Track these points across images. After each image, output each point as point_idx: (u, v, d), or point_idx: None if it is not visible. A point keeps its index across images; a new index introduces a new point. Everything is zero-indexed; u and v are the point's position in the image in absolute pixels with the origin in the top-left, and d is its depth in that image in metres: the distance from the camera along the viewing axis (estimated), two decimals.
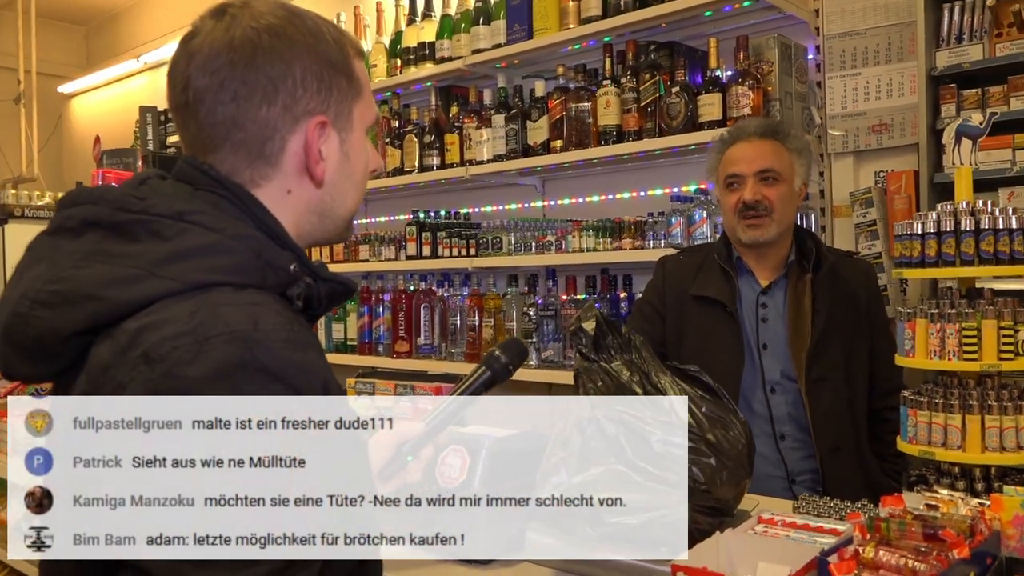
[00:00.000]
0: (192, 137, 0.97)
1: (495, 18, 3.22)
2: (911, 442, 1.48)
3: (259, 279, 0.89)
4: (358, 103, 1.03)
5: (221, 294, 0.85)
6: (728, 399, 1.43)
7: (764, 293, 2.15)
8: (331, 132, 1.00)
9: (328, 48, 0.98)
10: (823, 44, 2.76)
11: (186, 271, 0.85)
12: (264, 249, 0.91)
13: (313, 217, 1.02)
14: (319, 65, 0.97)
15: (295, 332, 0.84)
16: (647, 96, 2.80)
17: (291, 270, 0.92)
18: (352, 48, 1.03)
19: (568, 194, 3.46)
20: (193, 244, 0.87)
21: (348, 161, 1.02)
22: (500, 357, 1.23)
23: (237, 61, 0.93)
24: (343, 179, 1.02)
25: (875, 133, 2.69)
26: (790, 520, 1.32)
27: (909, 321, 1.49)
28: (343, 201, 1.04)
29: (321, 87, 0.97)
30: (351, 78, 1.01)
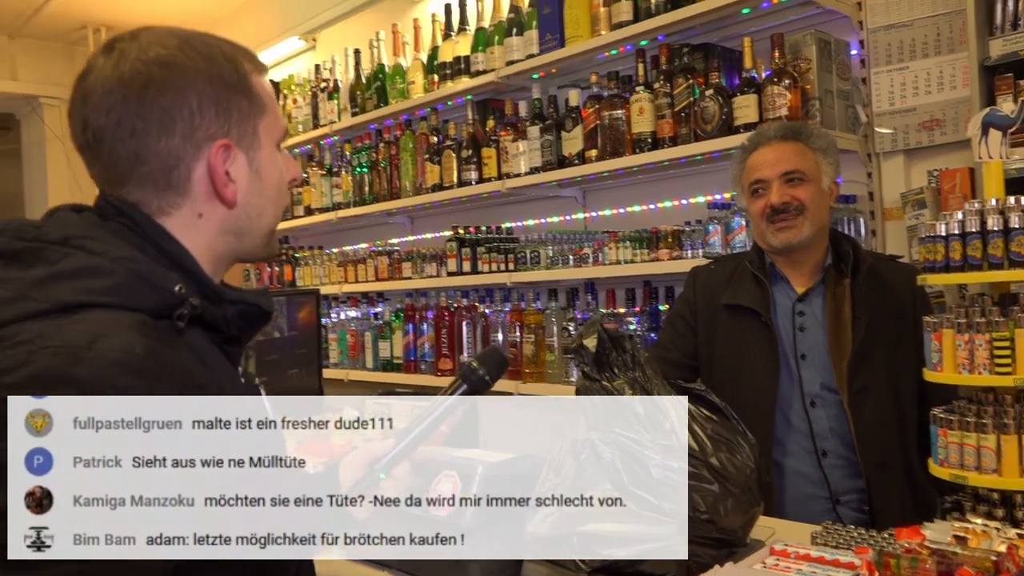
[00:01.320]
0: (99, 175, 0.98)
1: (528, 28, 3.17)
2: (942, 465, 1.35)
3: (137, 300, 0.88)
4: (262, 119, 1.02)
5: (88, 313, 0.84)
6: (737, 420, 1.33)
7: (800, 300, 2.03)
8: (237, 153, 1.00)
9: (223, 70, 0.98)
10: (867, 38, 2.61)
11: (56, 292, 0.85)
12: (146, 271, 0.90)
13: (228, 237, 1.02)
14: (214, 89, 0.97)
15: (137, 357, 0.82)
16: (681, 100, 2.70)
17: (175, 291, 0.90)
18: (250, 65, 1.02)
19: (609, 205, 3.37)
20: (71, 267, 0.87)
21: (259, 178, 1.02)
22: (477, 369, 1.16)
23: (130, 96, 0.93)
24: (256, 196, 1.02)
25: (926, 130, 2.52)
26: (804, 552, 1.22)
27: (935, 332, 1.36)
28: (259, 218, 1.04)
29: (219, 111, 0.97)
30: (251, 96, 1.01)
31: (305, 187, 4.36)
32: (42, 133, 7.25)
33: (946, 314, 1.36)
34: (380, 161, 3.88)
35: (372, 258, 3.97)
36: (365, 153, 3.99)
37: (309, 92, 4.34)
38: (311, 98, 4.31)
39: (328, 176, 4.20)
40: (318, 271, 4.31)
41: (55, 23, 6.08)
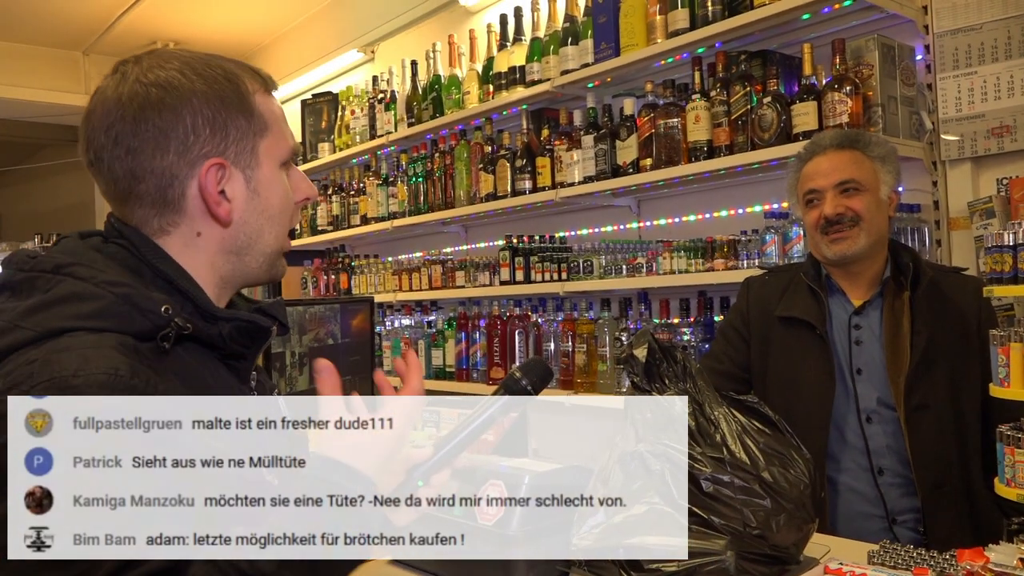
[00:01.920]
0: (104, 191, 1.03)
1: (583, 37, 3.16)
2: (1009, 485, 1.29)
3: (122, 323, 0.91)
4: (264, 139, 1.04)
5: (72, 339, 0.87)
6: (791, 434, 1.30)
7: (857, 313, 1.98)
8: (233, 171, 1.01)
9: (221, 90, 1.00)
10: (933, 43, 2.54)
11: (45, 319, 0.89)
12: (132, 294, 0.92)
13: (230, 256, 1.04)
14: (211, 109, 0.99)
15: (122, 378, 0.84)
16: (738, 108, 2.65)
17: (162, 312, 0.93)
18: (254, 84, 1.04)
19: (664, 214, 3.33)
20: (59, 294, 0.91)
21: (258, 197, 1.04)
22: (520, 379, 1.15)
23: (127, 116, 0.97)
24: (255, 216, 1.04)
25: (995, 136, 2.44)
26: (861, 571, 1.18)
27: (1003, 346, 1.30)
28: (259, 237, 1.05)
29: (215, 130, 0.99)
30: (251, 116, 1.03)
31: (362, 196, 4.42)
32: None
33: (1015, 327, 1.30)
34: (435, 171, 3.91)
35: (426, 267, 4.00)
36: (420, 163, 4.03)
37: (367, 103, 4.40)
38: (368, 109, 4.37)
39: (384, 186, 4.25)
40: (373, 279, 4.36)
41: (126, 40, 6.29)
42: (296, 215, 1.09)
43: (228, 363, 1.05)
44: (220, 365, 1.03)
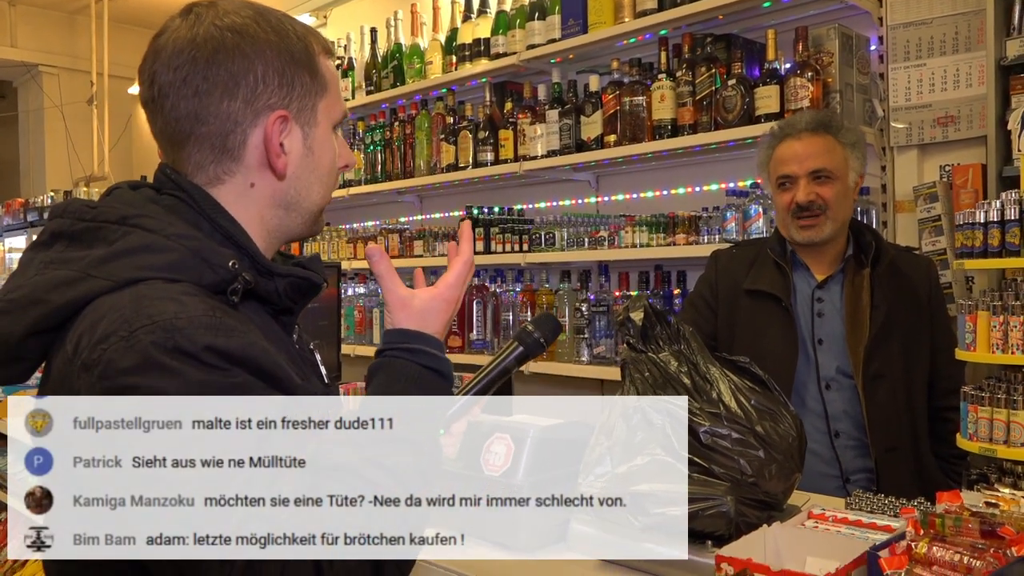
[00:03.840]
0: (160, 131, 1.03)
1: (550, 13, 3.22)
2: (972, 439, 1.43)
3: (195, 276, 0.92)
4: (323, 99, 1.05)
5: (149, 287, 0.88)
6: (779, 391, 1.40)
7: (820, 288, 2.10)
8: (293, 126, 1.02)
9: (292, 45, 1.01)
10: (887, 34, 2.68)
11: (118, 269, 0.90)
12: (202, 247, 0.94)
13: (279, 211, 1.05)
14: (281, 62, 1.00)
15: (218, 319, 0.86)
16: (703, 89, 2.76)
17: (230, 266, 0.95)
18: (318, 46, 1.06)
19: (622, 190, 3.43)
20: (130, 245, 0.92)
21: (312, 155, 1.05)
22: (533, 332, 1.22)
23: (199, 57, 0.97)
24: (307, 172, 1.05)
25: (940, 126, 2.60)
26: (842, 516, 1.29)
27: (970, 314, 1.43)
28: (308, 194, 1.06)
29: (283, 83, 1.00)
30: (315, 75, 1.04)
31: None
32: (40, 101, 7.20)
33: (982, 296, 1.43)
34: (394, 140, 3.92)
35: (383, 235, 4.01)
36: (379, 131, 4.02)
37: None
38: None
39: None
40: (326, 247, 4.34)
41: None
42: (336, 178, 1.12)
43: (276, 319, 1.08)
44: (272, 320, 1.06)
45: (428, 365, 0.99)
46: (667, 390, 1.37)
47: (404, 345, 0.99)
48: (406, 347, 0.99)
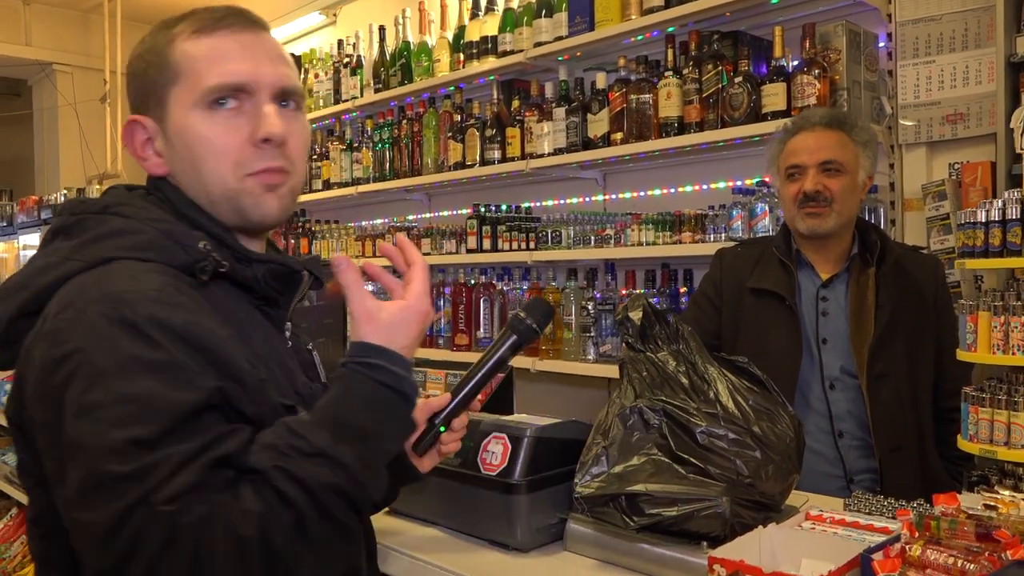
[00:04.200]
0: None
1: (557, 11, 3.21)
2: (972, 440, 1.41)
3: (166, 256, 0.98)
4: (175, 86, 1.04)
5: (119, 265, 0.95)
6: (777, 392, 1.39)
7: (825, 287, 2.09)
8: (149, 125, 1.07)
9: (143, 52, 1.07)
10: (895, 31, 2.66)
11: (93, 251, 0.97)
12: (174, 230, 1.01)
13: (205, 202, 1.07)
14: (132, 68, 1.09)
15: (168, 294, 0.92)
16: (709, 87, 2.74)
17: (200, 247, 1.00)
18: (190, 28, 1.05)
19: (629, 188, 3.42)
20: (107, 229, 1.00)
21: (173, 146, 1.06)
22: (525, 319, 1.21)
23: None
24: (178, 163, 1.06)
25: (950, 123, 2.57)
26: (839, 517, 1.28)
27: (971, 314, 1.42)
28: (198, 182, 1.05)
29: (132, 90, 1.10)
30: (164, 67, 1.05)
31: (324, 161, 4.40)
32: (54, 99, 7.25)
33: (983, 297, 1.42)
34: (402, 138, 3.92)
35: (391, 233, 4.02)
36: (387, 129, 4.03)
37: (331, 67, 4.37)
38: (333, 73, 4.34)
39: (348, 151, 4.24)
40: (335, 245, 4.36)
41: None
42: (249, 152, 1.04)
43: (263, 310, 1.09)
44: (255, 310, 1.08)
45: (386, 383, 0.94)
46: (664, 390, 1.36)
47: (363, 359, 0.95)
48: (365, 361, 0.94)
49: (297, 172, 1.10)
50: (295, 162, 1.09)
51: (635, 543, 1.27)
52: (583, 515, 1.32)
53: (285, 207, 1.08)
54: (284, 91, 1.07)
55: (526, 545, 1.36)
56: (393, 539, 1.42)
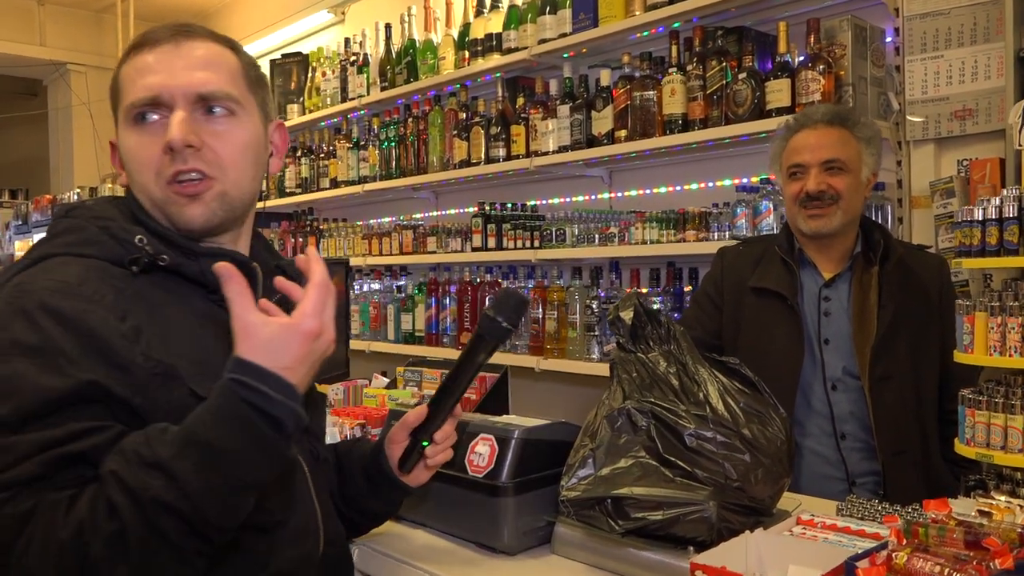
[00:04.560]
0: None
1: (561, 7, 3.18)
2: (968, 444, 1.38)
3: (100, 250, 1.03)
4: (120, 104, 1.10)
5: (53, 260, 1.02)
6: (768, 394, 1.37)
7: (827, 286, 2.06)
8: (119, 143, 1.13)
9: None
10: (903, 25, 2.61)
11: (39, 249, 1.05)
12: (112, 226, 1.06)
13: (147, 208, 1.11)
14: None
15: (70, 285, 0.96)
16: (713, 83, 2.71)
17: (135, 241, 1.04)
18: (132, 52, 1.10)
19: (635, 186, 3.39)
20: (60, 229, 1.07)
21: (123, 157, 1.12)
22: (495, 318, 1.17)
23: None
24: (127, 176, 1.12)
25: (958, 119, 2.53)
26: (830, 522, 1.25)
27: (968, 315, 1.38)
28: (138, 192, 1.11)
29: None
30: (113, 90, 1.11)
31: (332, 160, 4.40)
32: (68, 99, 7.30)
33: (980, 297, 1.39)
34: (408, 136, 3.91)
35: (397, 231, 4.01)
36: (393, 128, 4.02)
37: (338, 65, 4.36)
38: (340, 71, 4.33)
39: (355, 149, 4.24)
40: (342, 243, 4.36)
41: None
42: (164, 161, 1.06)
43: (224, 306, 1.08)
44: (212, 305, 1.07)
45: (253, 403, 0.88)
46: (654, 391, 1.34)
47: (233, 375, 0.89)
48: (234, 378, 0.89)
49: (227, 177, 1.09)
50: (223, 167, 1.09)
51: (622, 547, 1.25)
52: (570, 518, 1.30)
53: (212, 212, 1.09)
54: (202, 97, 1.08)
55: (513, 548, 1.34)
56: (378, 540, 1.41)
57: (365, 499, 1.30)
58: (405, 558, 1.34)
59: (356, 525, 1.35)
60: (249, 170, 1.13)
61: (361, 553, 1.39)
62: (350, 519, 1.32)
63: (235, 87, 1.11)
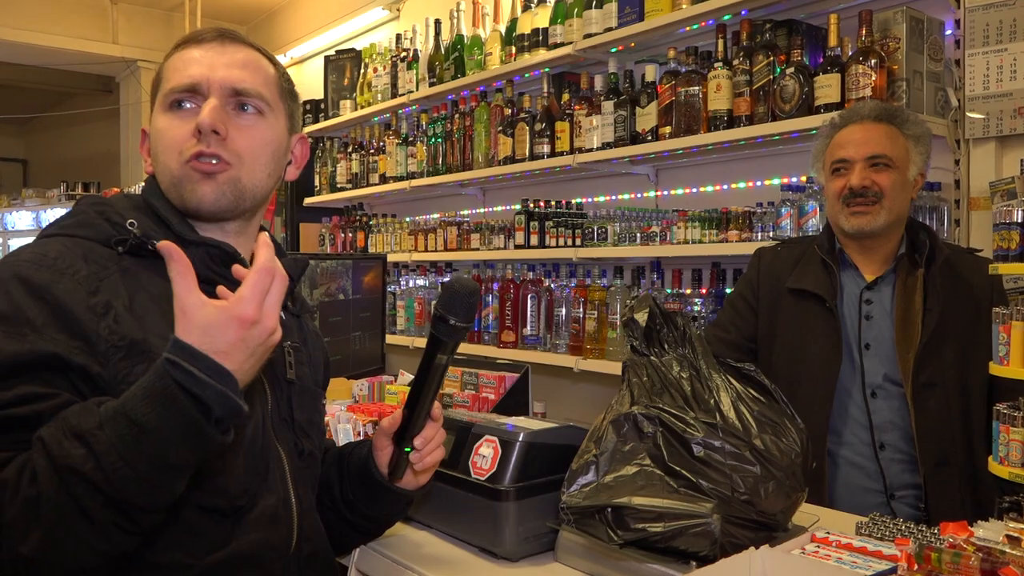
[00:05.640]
0: None
1: (607, 1, 3.12)
2: (1002, 463, 1.29)
3: (90, 232, 1.09)
4: (160, 93, 1.16)
5: (45, 239, 1.08)
6: (786, 403, 1.30)
7: (869, 289, 1.96)
8: (149, 132, 1.18)
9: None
10: (964, 17, 2.48)
11: (43, 232, 1.11)
12: (108, 211, 1.11)
13: (164, 190, 1.16)
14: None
15: (48, 258, 1.02)
16: (760, 78, 2.62)
17: (126, 225, 1.09)
18: (180, 45, 1.17)
19: (681, 184, 3.31)
20: (65, 216, 1.13)
21: (152, 140, 1.16)
22: (445, 317, 1.10)
23: None
24: (153, 159, 1.17)
25: (1022, 116, 2.38)
26: (847, 541, 1.18)
27: (1004, 324, 1.29)
28: (158, 173, 1.16)
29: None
30: (157, 78, 1.17)
31: (381, 155, 4.42)
32: (139, 95, 7.52)
33: (1017, 306, 1.29)
34: (454, 132, 3.90)
35: (442, 228, 4.00)
36: (440, 123, 4.01)
37: (389, 61, 4.38)
38: (391, 67, 4.35)
39: (404, 145, 4.24)
40: (389, 239, 4.37)
41: None
42: (190, 141, 1.11)
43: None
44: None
45: (182, 383, 0.87)
46: (664, 397, 1.29)
47: (169, 356, 0.88)
48: (167, 357, 0.88)
49: (244, 167, 1.14)
50: (242, 157, 1.14)
51: (623, 559, 1.20)
52: (571, 525, 1.26)
53: (222, 194, 1.13)
54: (236, 91, 1.14)
55: (514, 554, 1.30)
56: (379, 540, 1.39)
57: (365, 504, 1.29)
58: (405, 561, 1.32)
59: (364, 530, 1.34)
60: (265, 166, 1.18)
61: (361, 553, 1.37)
62: (356, 524, 1.31)
63: (268, 90, 1.18)
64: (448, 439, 1.33)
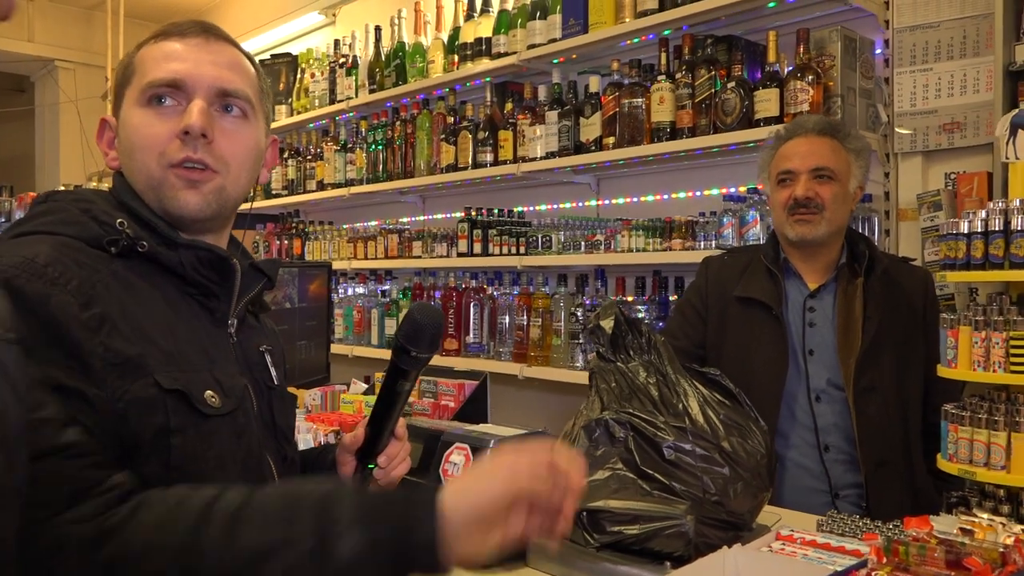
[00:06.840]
0: None
1: (551, 12, 3.17)
2: (951, 460, 1.36)
3: (76, 230, 1.02)
4: (129, 86, 1.10)
5: (24, 238, 1.00)
6: (749, 406, 1.34)
7: (812, 296, 2.04)
8: (113, 124, 1.13)
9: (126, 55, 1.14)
10: (892, 38, 2.60)
11: (16, 228, 1.03)
12: (94, 208, 1.04)
13: (138, 191, 1.09)
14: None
15: (38, 265, 0.94)
16: (702, 92, 2.69)
17: (115, 225, 1.03)
18: (153, 38, 1.12)
19: (623, 193, 3.37)
20: (37, 211, 1.05)
21: (120, 138, 1.11)
22: (407, 349, 1.07)
23: None
24: (122, 155, 1.11)
25: (946, 132, 2.52)
26: (810, 538, 1.23)
27: (952, 329, 1.36)
28: (132, 173, 1.09)
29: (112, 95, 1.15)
30: (128, 67, 1.11)
31: (319, 162, 4.37)
32: (56, 96, 7.24)
33: (964, 311, 1.37)
34: (395, 139, 3.88)
35: (383, 235, 3.98)
36: (381, 131, 3.99)
37: (327, 67, 4.33)
38: (328, 73, 4.30)
39: (342, 152, 4.20)
40: (327, 246, 4.32)
41: None
42: (174, 144, 1.07)
43: (200, 300, 1.09)
44: (186, 298, 1.07)
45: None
46: (633, 402, 1.32)
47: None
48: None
49: (230, 174, 1.11)
50: (228, 163, 1.10)
51: (598, 562, 1.22)
52: None
53: (207, 204, 1.09)
54: (223, 92, 1.10)
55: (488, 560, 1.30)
56: None
57: None
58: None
59: None
60: (249, 172, 1.16)
61: None
62: None
63: (252, 92, 1.15)
64: (416, 448, 1.33)
